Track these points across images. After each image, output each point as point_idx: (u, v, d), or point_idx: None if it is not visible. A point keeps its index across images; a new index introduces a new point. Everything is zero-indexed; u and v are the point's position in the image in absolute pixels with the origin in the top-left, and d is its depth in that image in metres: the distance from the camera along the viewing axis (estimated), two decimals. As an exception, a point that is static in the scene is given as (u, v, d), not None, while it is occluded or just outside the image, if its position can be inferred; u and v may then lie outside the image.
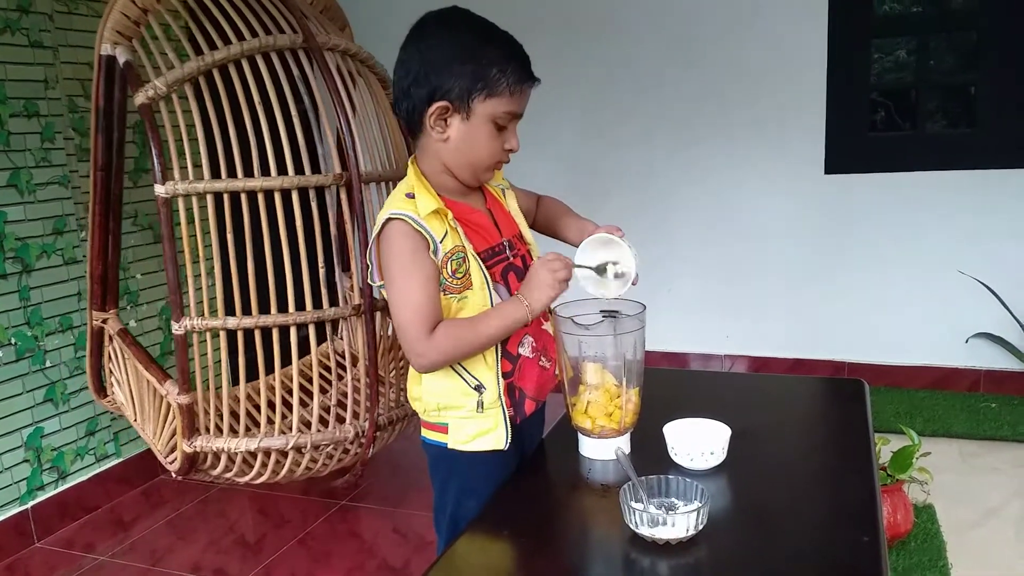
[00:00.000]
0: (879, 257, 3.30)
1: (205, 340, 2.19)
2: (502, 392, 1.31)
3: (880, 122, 3.90)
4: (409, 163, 1.34)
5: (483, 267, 1.29)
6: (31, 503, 2.57)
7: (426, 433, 1.38)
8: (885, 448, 2.18)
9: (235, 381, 2.18)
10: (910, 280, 3.28)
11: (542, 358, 1.39)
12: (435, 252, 1.25)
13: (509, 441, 1.32)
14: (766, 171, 3.39)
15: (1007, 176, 3.09)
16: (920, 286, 3.27)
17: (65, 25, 2.64)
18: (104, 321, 2.48)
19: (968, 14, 3.27)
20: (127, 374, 2.42)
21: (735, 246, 3.49)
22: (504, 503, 1.27)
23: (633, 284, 1.34)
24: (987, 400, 3.17)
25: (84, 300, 2.71)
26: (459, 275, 1.27)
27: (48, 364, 2.61)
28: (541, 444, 1.47)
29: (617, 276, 1.35)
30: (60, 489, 2.66)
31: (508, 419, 1.32)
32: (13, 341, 2.50)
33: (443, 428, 1.34)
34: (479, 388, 1.30)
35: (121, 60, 2.09)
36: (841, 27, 3.18)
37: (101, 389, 2.58)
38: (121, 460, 2.88)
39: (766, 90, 3.31)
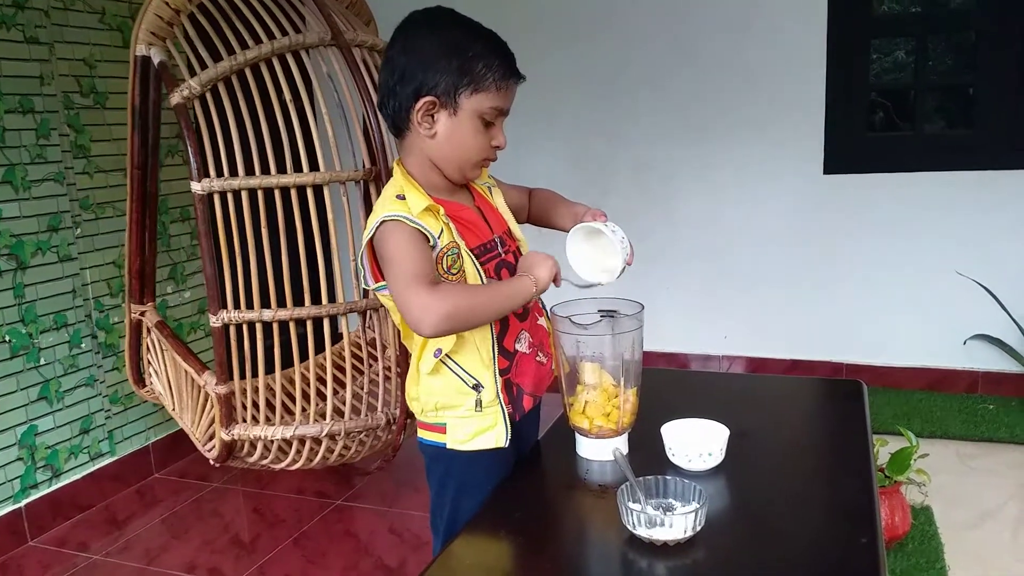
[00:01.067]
0: (877, 258, 3.30)
1: (256, 333, 2.23)
2: (500, 390, 1.31)
3: (879, 122, 3.90)
4: (395, 165, 1.34)
5: (476, 263, 1.29)
6: (24, 501, 2.55)
7: (423, 434, 1.37)
8: (883, 449, 2.18)
9: (268, 371, 2.24)
10: (908, 281, 3.27)
11: (539, 353, 1.39)
12: (434, 247, 1.24)
13: (509, 438, 1.32)
14: (765, 171, 3.38)
15: (1005, 177, 3.09)
16: (918, 287, 3.26)
17: (61, 21, 2.62)
18: (142, 314, 2.54)
19: (966, 14, 3.27)
20: (165, 365, 2.47)
21: (733, 246, 3.48)
22: (501, 503, 1.26)
23: (628, 264, 1.34)
24: (984, 402, 3.16)
25: (79, 298, 2.70)
26: (454, 271, 1.27)
27: (42, 362, 2.59)
28: (537, 444, 1.47)
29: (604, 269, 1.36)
30: (54, 487, 2.65)
31: (507, 416, 1.32)
32: (7, 339, 2.48)
33: (441, 428, 1.34)
34: (477, 387, 1.30)
35: (156, 60, 2.13)
36: (840, 27, 3.17)
37: (140, 380, 2.62)
38: (115, 458, 2.86)
39: (765, 90, 3.31)
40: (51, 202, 2.60)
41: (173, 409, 2.49)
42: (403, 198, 1.26)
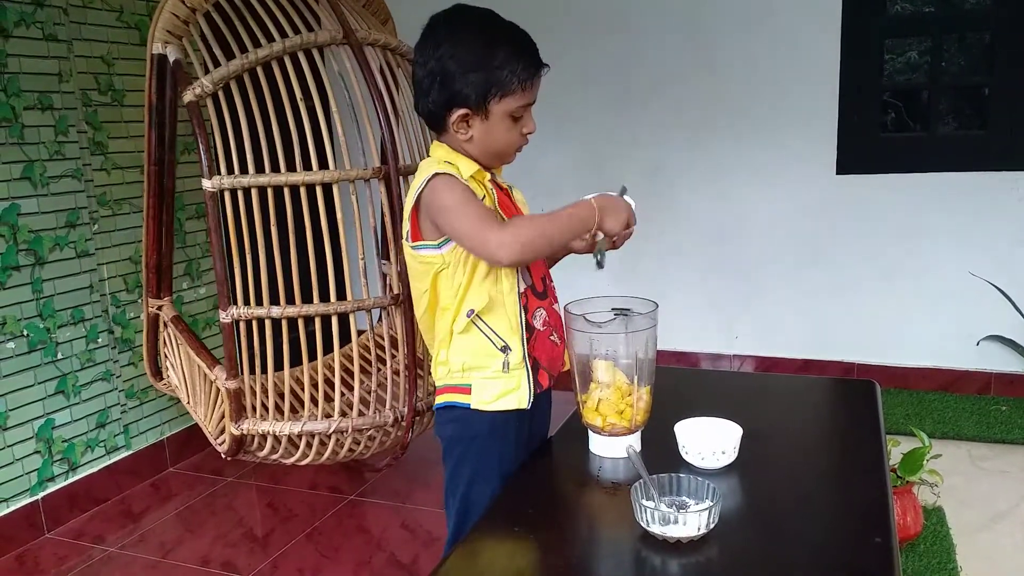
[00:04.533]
0: (890, 258, 3.29)
1: (264, 329, 2.25)
2: (527, 353, 1.36)
3: (891, 123, 3.89)
4: (436, 144, 1.40)
5: None
6: (41, 494, 2.58)
7: (446, 397, 1.40)
8: (895, 450, 2.18)
9: (281, 367, 2.28)
10: (921, 282, 3.26)
11: (553, 334, 1.44)
12: None
13: (532, 401, 1.36)
14: (778, 171, 3.38)
15: (1020, 178, 3.07)
16: (931, 288, 3.25)
17: (79, 19, 2.65)
18: (159, 308, 2.57)
19: (982, 15, 3.25)
20: (180, 359, 2.50)
21: (746, 246, 3.48)
22: (514, 500, 1.27)
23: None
24: (997, 403, 3.15)
25: (96, 293, 2.72)
26: None
27: (60, 356, 2.62)
28: (550, 441, 1.48)
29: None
30: (70, 481, 2.68)
31: (531, 381, 1.37)
32: (25, 333, 2.51)
33: (466, 389, 1.38)
34: (505, 349, 1.35)
35: (171, 59, 2.15)
36: (855, 27, 3.16)
37: (157, 373, 2.66)
38: (131, 452, 2.89)
39: (779, 90, 3.30)
40: (69, 198, 2.63)
41: (188, 402, 2.52)
42: (450, 164, 1.33)
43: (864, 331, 3.37)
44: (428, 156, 1.42)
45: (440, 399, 1.42)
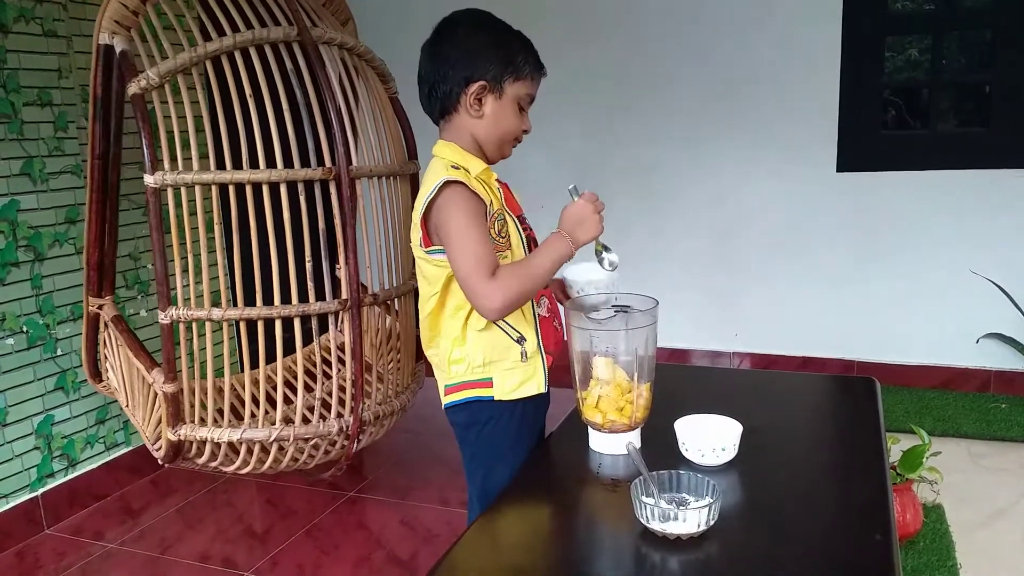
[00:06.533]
0: (890, 256, 3.29)
1: (204, 331, 2.19)
2: (541, 341, 1.44)
3: (891, 121, 3.88)
4: (441, 144, 1.44)
5: (519, 227, 1.44)
6: (41, 490, 2.58)
7: (466, 393, 1.44)
8: (895, 447, 2.18)
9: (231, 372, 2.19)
10: (921, 279, 3.26)
11: (555, 320, 1.50)
12: (488, 215, 1.36)
13: (547, 384, 1.45)
14: (778, 169, 3.37)
15: (1021, 176, 3.07)
16: (931, 285, 3.25)
17: (79, 15, 2.64)
18: (100, 307, 2.49)
19: (982, 12, 3.24)
20: (120, 360, 2.42)
21: (745, 243, 3.48)
22: (513, 497, 1.27)
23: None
24: (997, 401, 3.15)
25: (95, 289, 2.72)
26: (503, 235, 1.40)
27: (59, 352, 2.62)
28: (549, 438, 1.49)
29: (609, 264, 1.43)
30: (70, 477, 2.68)
31: (545, 366, 1.45)
32: (25, 329, 2.51)
33: (487, 383, 1.43)
34: (520, 340, 1.42)
35: (118, 49, 2.09)
36: (855, 24, 3.16)
37: (96, 373, 2.59)
38: (131, 449, 2.89)
39: (779, 87, 3.30)
40: (68, 194, 2.63)
41: (126, 405, 2.43)
42: (457, 168, 1.37)
43: (864, 328, 3.37)
44: (432, 155, 1.45)
45: (457, 396, 1.45)
